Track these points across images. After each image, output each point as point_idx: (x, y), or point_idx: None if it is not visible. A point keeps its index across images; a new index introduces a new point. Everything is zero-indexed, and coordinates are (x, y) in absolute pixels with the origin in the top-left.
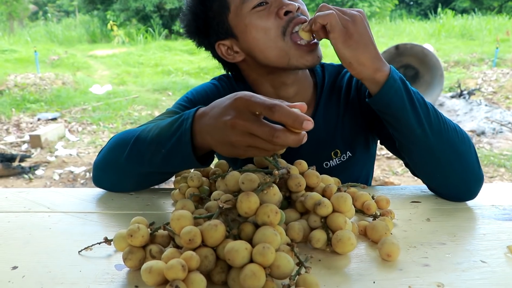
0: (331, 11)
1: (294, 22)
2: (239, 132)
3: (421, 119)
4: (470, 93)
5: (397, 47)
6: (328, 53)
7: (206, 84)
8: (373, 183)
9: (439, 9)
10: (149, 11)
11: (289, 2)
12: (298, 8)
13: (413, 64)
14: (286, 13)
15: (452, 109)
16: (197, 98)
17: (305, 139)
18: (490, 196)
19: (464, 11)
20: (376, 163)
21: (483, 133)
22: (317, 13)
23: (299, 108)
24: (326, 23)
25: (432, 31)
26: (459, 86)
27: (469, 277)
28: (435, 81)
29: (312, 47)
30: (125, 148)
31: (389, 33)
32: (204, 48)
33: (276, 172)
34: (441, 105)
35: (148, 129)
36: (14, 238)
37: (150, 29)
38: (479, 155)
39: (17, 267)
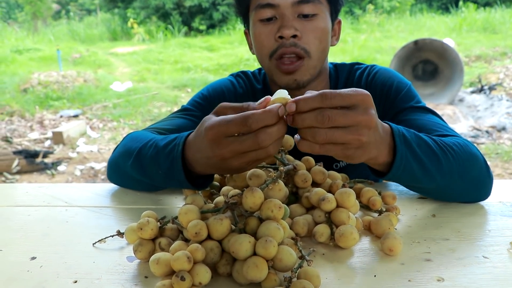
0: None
1: (281, 51)
2: (231, 159)
3: (432, 175)
4: (491, 88)
5: (416, 42)
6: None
7: (223, 80)
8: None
9: (461, 3)
10: (168, 8)
11: (289, 25)
12: (295, 36)
13: (433, 59)
14: (281, 37)
15: (472, 104)
16: (213, 95)
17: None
18: (498, 193)
19: (487, 4)
20: None
21: (503, 128)
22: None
23: (264, 103)
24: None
25: (453, 25)
26: (479, 81)
27: (469, 272)
28: (455, 76)
29: (290, 71)
30: (130, 157)
31: (409, 28)
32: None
33: (282, 168)
34: (461, 100)
35: (149, 145)
36: (34, 231)
37: (169, 26)
38: (499, 151)
39: (35, 257)
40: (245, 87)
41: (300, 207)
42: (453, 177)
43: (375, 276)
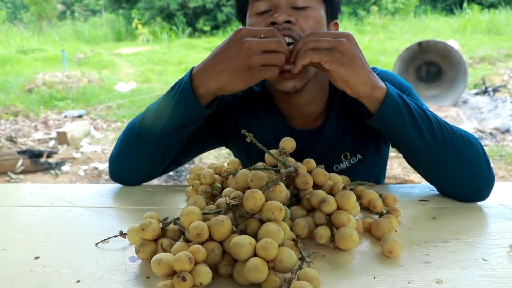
0: (311, 41)
1: None
2: (254, 52)
3: (423, 133)
4: (495, 90)
5: (419, 44)
6: None
7: None
8: (393, 181)
9: (465, 4)
10: (173, 9)
11: (282, 13)
12: (289, 21)
13: (436, 61)
14: (273, 23)
15: (476, 106)
16: None
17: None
18: (499, 195)
19: (491, 5)
20: (397, 161)
21: (507, 130)
22: (298, 50)
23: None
24: (308, 61)
25: (457, 27)
26: (483, 83)
27: (468, 274)
28: (459, 78)
29: (286, 75)
30: (135, 127)
31: (413, 30)
32: None
33: (283, 170)
34: (464, 102)
35: (153, 103)
36: (37, 231)
37: (174, 27)
38: (503, 153)
39: (39, 257)
40: (245, 90)
41: (301, 209)
42: (447, 149)
43: (374, 277)
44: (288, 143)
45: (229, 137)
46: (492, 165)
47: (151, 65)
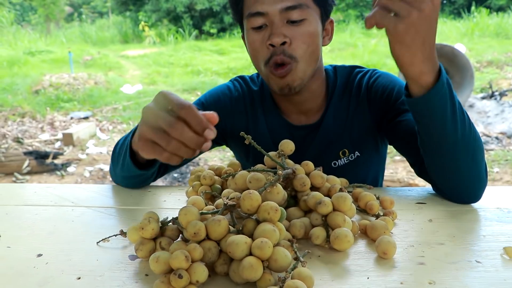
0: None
1: (273, 60)
2: (153, 119)
3: (457, 126)
4: (502, 94)
5: None
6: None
7: (221, 86)
8: (397, 184)
9: (473, 7)
10: (180, 11)
11: (278, 33)
12: (284, 42)
13: (443, 65)
14: (272, 45)
15: (483, 110)
16: (209, 101)
17: (206, 147)
18: (496, 198)
19: (500, 9)
20: (401, 164)
21: None
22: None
23: (209, 118)
24: (374, 23)
25: (465, 30)
26: (490, 87)
27: (461, 275)
28: (465, 82)
29: (282, 75)
30: (115, 150)
31: None
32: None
33: (280, 172)
34: (471, 106)
35: (123, 136)
36: (40, 229)
37: (180, 29)
38: (508, 158)
39: (41, 254)
40: (241, 90)
41: (298, 210)
42: (469, 147)
43: (368, 278)
44: (287, 146)
45: (227, 138)
46: (497, 169)
47: (158, 67)
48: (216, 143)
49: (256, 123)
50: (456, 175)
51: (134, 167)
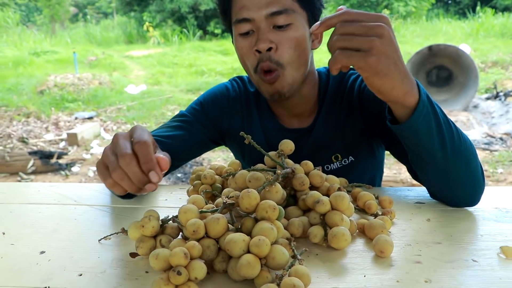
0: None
1: (260, 66)
2: (114, 144)
3: (445, 143)
4: (506, 95)
5: (430, 48)
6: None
7: (219, 85)
8: (400, 185)
9: (478, 8)
10: (184, 12)
11: (264, 39)
12: (270, 48)
13: (447, 65)
14: (258, 51)
15: (487, 111)
16: (207, 101)
17: (149, 188)
18: (494, 199)
19: (505, 9)
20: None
21: None
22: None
23: (160, 161)
24: (339, 67)
25: (470, 31)
26: (495, 87)
27: (457, 274)
28: (470, 83)
29: (271, 81)
30: None
31: (424, 33)
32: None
33: (279, 171)
34: (475, 107)
35: None
36: (44, 227)
37: (185, 30)
38: None
39: (44, 252)
40: (239, 90)
41: (297, 209)
42: (461, 158)
43: (364, 276)
44: (287, 145)
45: (225, 137)
46: (501, 170)
47: (162, 68)
48: (216, 143)
49: (251, 124)
50: (452, 185)
51: (116, 195)
